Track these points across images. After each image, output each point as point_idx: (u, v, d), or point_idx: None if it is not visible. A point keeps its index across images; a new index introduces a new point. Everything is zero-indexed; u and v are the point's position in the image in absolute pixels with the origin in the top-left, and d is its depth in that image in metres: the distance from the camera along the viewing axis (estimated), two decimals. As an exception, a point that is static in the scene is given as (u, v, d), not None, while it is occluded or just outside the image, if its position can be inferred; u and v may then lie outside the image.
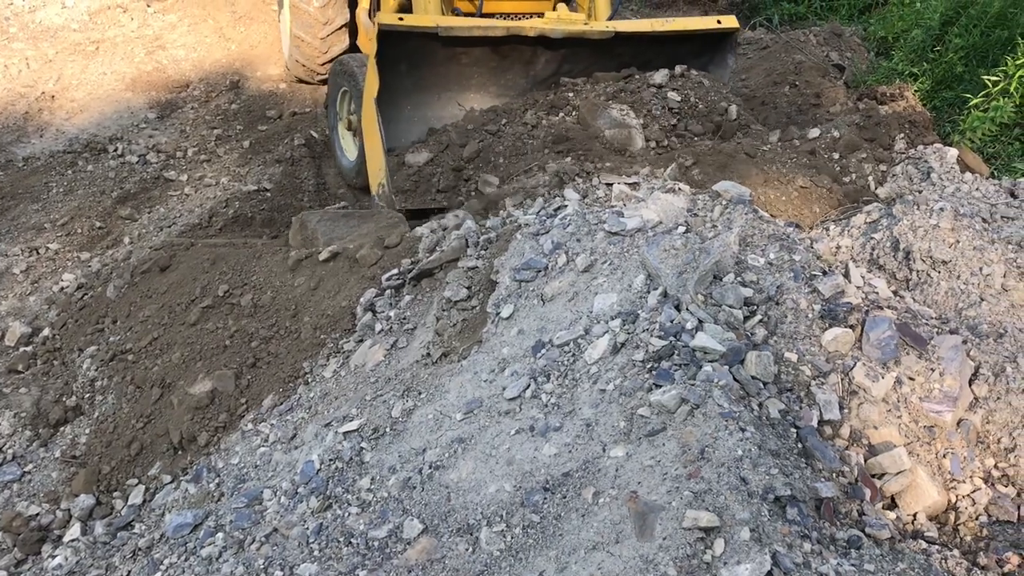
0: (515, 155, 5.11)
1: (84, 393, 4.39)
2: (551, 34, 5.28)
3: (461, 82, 5.58)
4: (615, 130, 5.15)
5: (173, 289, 4.63)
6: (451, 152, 5.12)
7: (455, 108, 5.62)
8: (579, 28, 5.34)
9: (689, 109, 5.48)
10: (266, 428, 3.74)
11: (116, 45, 8.17)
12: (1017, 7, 6.18)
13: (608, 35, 5.42)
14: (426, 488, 2.88)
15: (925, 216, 4.00)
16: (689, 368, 2.77)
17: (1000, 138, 5.72)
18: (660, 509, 2.41)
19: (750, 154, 5.12)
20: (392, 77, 5.13)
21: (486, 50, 5.42)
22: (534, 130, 5.23)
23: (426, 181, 5.05)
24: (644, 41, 5.62)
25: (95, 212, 6.18)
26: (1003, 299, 3.53)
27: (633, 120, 5.23)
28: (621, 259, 3.46)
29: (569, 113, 5.35)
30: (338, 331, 4.08)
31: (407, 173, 5.05)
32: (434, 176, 5.07)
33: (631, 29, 5.55)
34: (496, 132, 5.20)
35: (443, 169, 5.08)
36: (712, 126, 5.47)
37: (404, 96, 5.40)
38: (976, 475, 2.93)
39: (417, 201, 4.98)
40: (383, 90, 4.98)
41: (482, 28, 5.20)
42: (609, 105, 5.28)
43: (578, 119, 5.30)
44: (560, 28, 5.28)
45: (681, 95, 5.51)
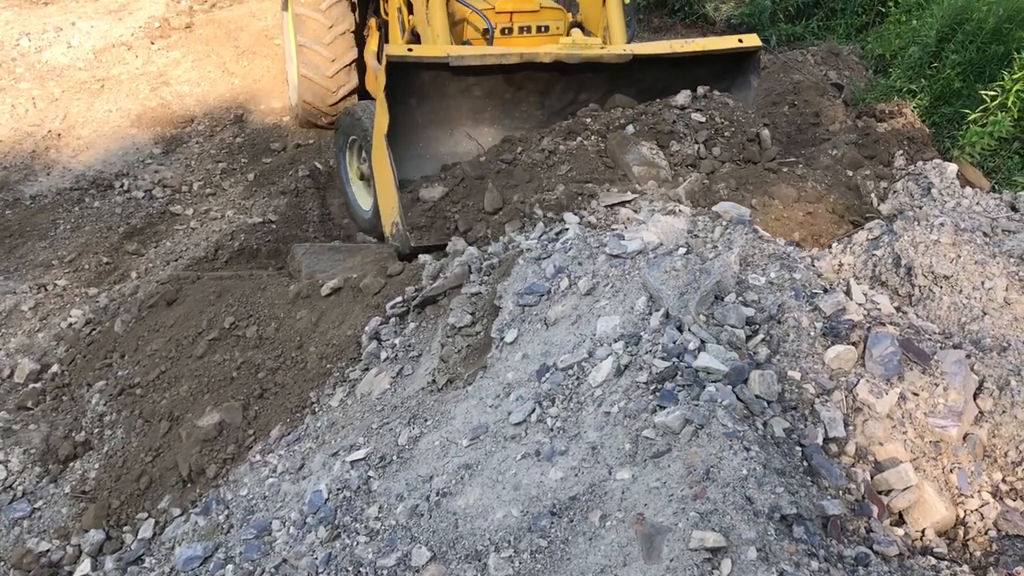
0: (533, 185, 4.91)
1: (93, 428, 4.41)
2: (567, 59, 5.10)
3: (474, 116, 5.40)
4: (643, 168, 4.87)
5: (180, 322, 4.66)
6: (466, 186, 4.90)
7: (468, 144, 5.40)
8: (595, 52, 5.15)
9: (715, 134, 5.26)
10: (274, 459, 3.75)
11: (121, 82, 8.27)
12: (1012, 23, 6.21)
13: (626, 59, 5.23)
14: (434, 515, 2.89)
15: (926, 231, 4.02)
16: (693, 389, 2.78)
17: (999, 152, 5.74)
18: (667, 531, 2.41)
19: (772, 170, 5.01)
20: (402, 112, 4.99)
21: (499, 80, 5.25)
22: (551, 156, 5.03)
23: (442, 217, 4.83)
24: (663, 65, 5.43)
25: (102, 248, 6.23)
26: (1005, 312, 3.54)
27: (662, 160, 4.98)
28: (623, 281, 3.48)
29: (587, 138, 5.15)
30: (344, 360, 4.10)
31: (422, 209, 4.84)
32: (451, 214, 4.84)
33: (649, 52, 5.35)
34: (512, 161, 5.02)
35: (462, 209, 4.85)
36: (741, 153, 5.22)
37: (415, 132, 5.24)
38: (984, 489, 2.92)
39: (433, 237, 4.75)
40: (393, 126, 4.83)
41: (495, 56, 5.03)
42: (640, 142, 5.03)
43: (605, 150, 5.08)
44: (576, 53, 5.10)
45: (705, 115, 5.30)
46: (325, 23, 6.80)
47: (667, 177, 4.89)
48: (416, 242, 4.70)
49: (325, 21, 6.79)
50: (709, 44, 5.53)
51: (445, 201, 4.84)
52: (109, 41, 8.86)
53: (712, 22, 10.35)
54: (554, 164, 4.96)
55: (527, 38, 5.78)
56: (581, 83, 5.44)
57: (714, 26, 10.34)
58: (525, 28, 5.80)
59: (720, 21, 10.33)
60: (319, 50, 6.83)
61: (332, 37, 6.81)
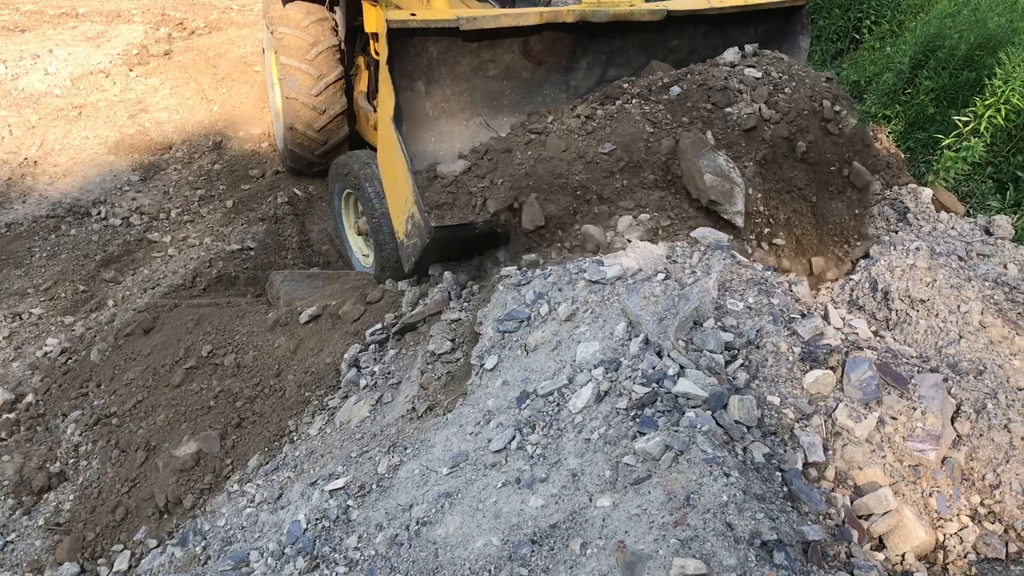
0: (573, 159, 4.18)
1: (68, 459, 4.36)
2: (593, 18, 4.42)
3: (491, 102, 4.66)
4: (716, 178, 4.10)
5: (157, 351, 4.62)
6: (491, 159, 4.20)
7: (487, 136, 4.57)
8: (624, 9, 4.49)
9: (775, 90, 4.56)
10: (252, 488, 3.71)
11: (99, 109, 8.24)
12: (983, 50, 6.31)
13: (660, 16, 4.57)
14: (413, 544, 2.86)
15: (902, 256, 4.05)
16: (672, 414, 2.78)
17: (973, 177, 5.81)
18: (648, 558, 2.40)
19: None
20: (410, 100, 4.34)
21: (517, 55, 4.54)
22: (588, 122, 4.30)
23: (466, 193, 4.11)
24: (700, 25, 4.84)
25: (79, 276, 6.18)
26: (981, 336, 3.56)
27: (738, 177, 4.19)
28: (602, 307, 3.48)
29: (628, 101, 4.39)
30: (323, 388, 4.08)
31: (441, 185, 4.13)
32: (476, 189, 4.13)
33: (686, 8, 4.70)
34: (542, 131, 4.29)
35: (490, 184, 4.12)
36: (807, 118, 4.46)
37: (425, 125, 4.51)
38: (963, 513, 2.93)
39: (456, 215, 4.04)
40: (400, 116, 4.21)
41: (512, 17, 4.31)
42: (718, 151, 4.25)
43: (675, 149, 4.27)
44: (603, 10, 4.42)
45: (760, 70, 4.62)
46: (307, 40, 6.44)
47: (740, 200, 4.18)
48: (438, 222, 3.99)
49: (307, 38, 6.44)
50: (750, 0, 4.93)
51: (468, 176, 4.16)
52: (87, 68, 8.84)
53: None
54: (593, 131, 4.25)
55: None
56: (610, 56, 4.81)
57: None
58: None
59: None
60: (302, 67, 6.41)
61: (315, 53, 6.41)
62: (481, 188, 4.11)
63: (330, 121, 6.56)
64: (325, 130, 6.61)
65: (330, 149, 6.70)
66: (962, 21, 6.68)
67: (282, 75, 6.52)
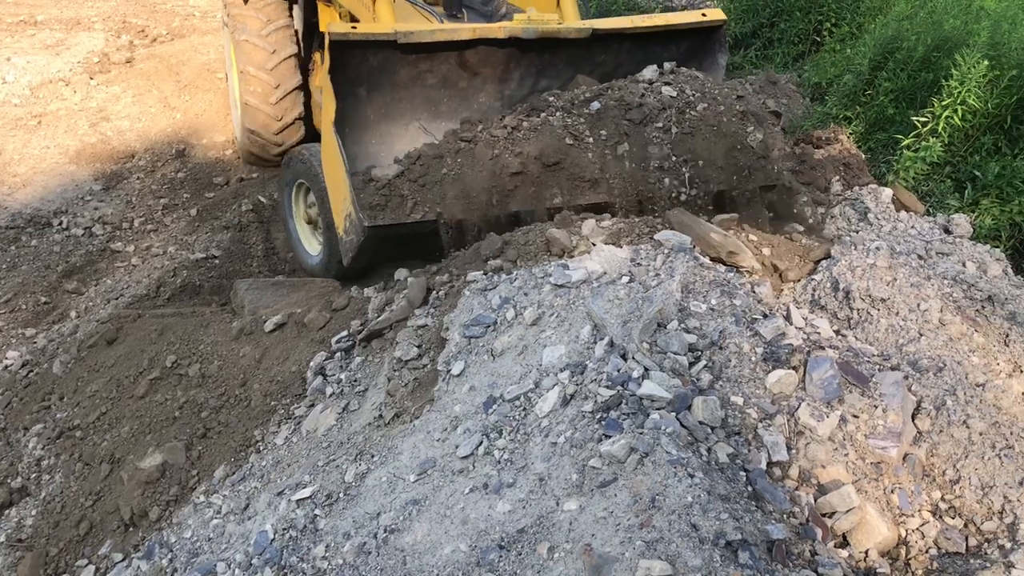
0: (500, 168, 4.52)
1: (30, 473, 4.30)
2: (523, 35, 4.74)
3: (429, 108, 4.98)
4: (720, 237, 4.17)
5: (121, 362, 4.58)
6: (423, 166, 4.49)
7: (425, 140, 4.86)
8: (552, 27, 4.83)
9: (687, 107, 4.82)
10: (218, 499, 3.68)
11: (59, 118, 8.14)
12: (940, 52, 6.40)
13: (585, 33, 4.90)
14: (381, 553, 2.85)
15: (863, 255, 4.10)
16: (637, 417, 2.79)
17: (932, 176, 5.89)
18: (614, 560, 2.41)
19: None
20: (352, 105, 4.63)
21: (453, 66, 4.86)
22: (514, 132, 4.59)
23: (397, 196, 4.40)
24: (625, 43, 5.13)
25: (40, 287, 6.10)
26: (941, 333, 3.62)
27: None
28: (568, 311, 3.49)
29: (552, 114, 4.70)
30: (289, 397, 4.05)
31: (375, 188, 4.39)
32: (407, 193, 4.42)
33: (610, 27, 5.03)
34: (472, 139, 4.58)
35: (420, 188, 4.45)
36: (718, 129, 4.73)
37: (367, 129, 4.81)
38: (924, 508, 2.97)
39: (388, 216, 4.33)
40: (343, 120, 4.50)
41: (446, 32, 4.68)
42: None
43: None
44: (532, 28, 4.75)
45: (675, 88, 4.87)
46: (267, 49, 6.61)
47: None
48: (371, 221, 4.29)
49: (267, 47, 6.60)
50: (672, 19, 5.28)
51: (401, 179, 4.44)
52: (46, 77, 8.73)
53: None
54: (518, 141, 4.56)
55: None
56: (540, 68, 5.12)
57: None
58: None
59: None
60: (262, 76, 6.61)
61: (275, 63, 6.61)
62: (412, 191, 4.40)
63: (287, 127, 6.81)
64: (282, 134, 6.86)
65: (286, 150, 6.82)
66: (919, 23, 6.77)
67: (242, 81, 6.74)
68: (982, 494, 3.03)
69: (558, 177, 4.59)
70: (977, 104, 5.55)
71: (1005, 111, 5.77)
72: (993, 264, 4.31)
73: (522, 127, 4.63)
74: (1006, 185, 5.52)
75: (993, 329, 3.80)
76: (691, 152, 4.76)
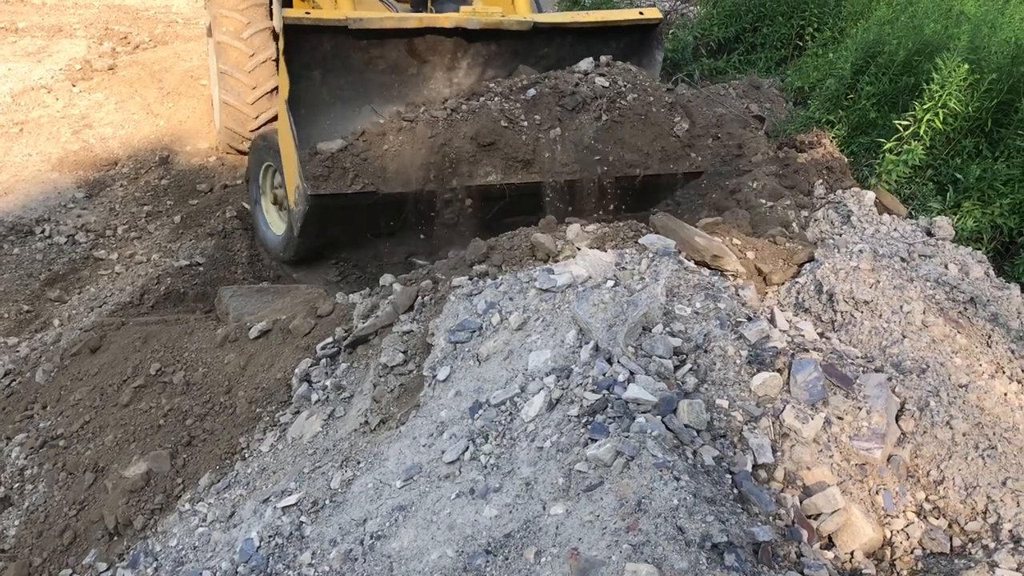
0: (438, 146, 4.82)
1: (13, 483, 4.26)
2: (467, 24, 5.07)
3: (381, 92, 5.29)
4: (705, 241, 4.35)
5: (104, 370, 4.54)
6: (366, 141, 4.77)
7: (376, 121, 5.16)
8: (495, 19, 5.15)
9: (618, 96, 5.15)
10: (204, 507, 3.66)
11: (41, 126, 8.09)
12: (921, 55, 6.45)
13: (526, 26, 5.25)
14: (368, 559, 2.84)
15: (846, 258, 4.13)
16: (623, 420, 2.79)
17: (915, 179, 5.93)
18: (601, 564, 2.41)
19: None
20: (307, 87, 4.93)
21: (403, 54, 5.19)
22: (453, 115, 4.89)
23: (340, 168, 4.69)
24: (567, 37, 5.47)
25: (22, 295, 6.05)
26: (924, 335, 3.64)
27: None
28: (553, 315, 3.50)
29: (491, 99, 5.02)
30: (274, 404, 4.04)
31: (319, 160, 4.68)
32: (349, 166, 4.70)
33: (551, 21, 5.41)
34: (413, 119, 4.85)
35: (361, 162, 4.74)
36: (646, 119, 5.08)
37: (322, 110, 5.13)
38: (909, 509, 2.99)
39: (330, 186, 4.62)
40: (298, 100, 4.82)
41: (395, 20, 4.98)
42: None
43: (509, 112, 4.96)
44: (476, 19, 5.09)
45: (608, 79, 5.21)
46: (247, 51, 6.90)
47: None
48: (313, 190, 4.56)
49: (247, 50, 6.90)
50: (610, 16, 5.61)
51: (344, 153, 4.71)
52: (28, 84, 8.67)
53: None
54: (455, 122, 4.88)
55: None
56: (487, 58, 5.43)
57: (639, 61, 10.53)
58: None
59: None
60: (240, 78, 6.92)
61: (253, 65, 6.90)
62: (354, 165, 4.68)
63: (263, 125, 7.03)
64: (256, 105, 7.08)
65: (261, 125, 7.12)
66: (900, 28, 6.83)
67: (221, 81, 7.06)
68: (966, 494, 3.05)
69: (492, 157, 4.89)
70: (958, 107, 5.59)
71: (985, 114, 5.82)
72: (975, 266, 4.34)
73: (461, 109, 4.92)
74: (987, 187, 5.56)
75: (976, 330, 3.83)
76: (619, 139, 5.10)
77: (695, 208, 5.80)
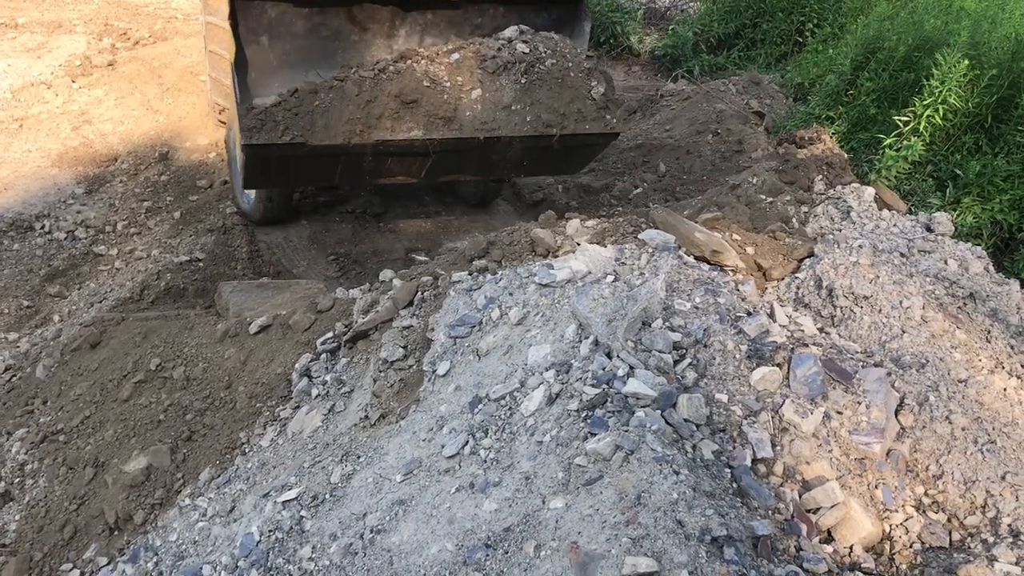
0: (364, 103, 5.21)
1: (13, 478, 4.26)
2: None
3: (326, 59, 5.60)
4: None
5: (104, 365, 4.55)
6: (298, 98, 5.13)
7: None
8: None
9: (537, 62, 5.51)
10: (204, 502, 3.67)
11: (41, 122, 8.08)
12: (921, 51, 6.46)
13: None
14: (368, 553, 2.85)
15: (845, 254, 4.13)
16: (622, 415, 2.80)
17: (914, 175, 5.94)
18: (600, 558, 2.42)
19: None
20: (256, 53, 5.29)
21: (344, 21, 5.52)
22: (380, 75, 5.27)
23: (272, 121, 5.06)
24: (499, 8, 5.78)
25: (22, 291, 6.06)
26: (923, 330, 3.64)
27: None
28: (553, 310, 3.50)
29: (417, 62, 5.39)
30: (274, 399, 4.04)
31: (254, 114, 5.04)
32: (280, 119, 5.08)
33: None
34: (343, 79, 5.22)
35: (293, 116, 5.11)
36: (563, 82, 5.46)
37: (270, 74, 5.47)
38: (908, 504, 2.99)
39: (263, 137, 4.98)
40: (250, 68, 5.23)
41: None
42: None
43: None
44: None
45: (529, 47, 5.56)
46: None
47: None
48: (247, 140, 4.92)
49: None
50: None
51: (277, 108, 5.05)
52: (28, 80, 8.67)
53: (637, 54, 10.56)
54: (382, 82, 5.21)
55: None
56: (424, 26, 5.75)
57: (639, 58, 10.55)
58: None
59: (644, 53, 10.55)
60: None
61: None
62: (285, 118, 5.05)
63: None
64: None
65: None
66: (900, 24, 6.83)
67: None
68: (965, 489, 3.05)
69: (415, 114, 5.26)
70: (958, 103, 5.60)
71: (985, 110, 5.83)
72: (975, 262, 4.34)
73: (388, 71, 5.29)
74: (987, 183, 5.57)
75: (975, 326, 3.83)
76: (536, 100, 5.46)
77: (695, 204, 5.80)
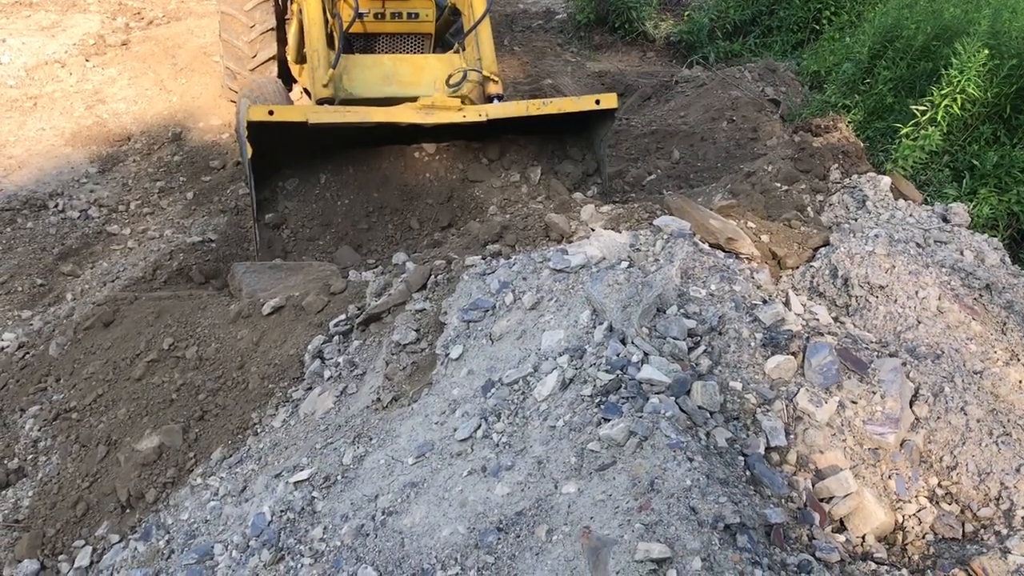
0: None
1: (27, 455, 4.29)
2: (423, 124, 5.37)
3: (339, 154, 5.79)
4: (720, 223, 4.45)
5: (117, 344, 4.56)
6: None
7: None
8: (451, 117, 5.40)
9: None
10: (215, 482, 3.68)
11: (55, 100, 8.09)
12: (939, 40, 6.40)
13: (481, 122, 5.48)
14: (379, 535, 2.85)
15: (861, 243, 4.10)
16: (636, 401, 2.79)
17: (931, 165, 5.90)
18: (613, 543, 2.42)
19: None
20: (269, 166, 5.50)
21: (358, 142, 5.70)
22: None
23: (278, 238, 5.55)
24: (519, 122, 5.75)
25: (36, 269, 6.07)
26: (939, 321, 3.62)
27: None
28: (567, 296, 3.49)
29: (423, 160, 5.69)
30: (286, 380, 4.04)
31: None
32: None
33: (505, 114, 5.60)
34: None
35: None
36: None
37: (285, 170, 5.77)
38: (921, 494, 2.98)
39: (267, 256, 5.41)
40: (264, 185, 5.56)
41: (355, 115, 5.26)
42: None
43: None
44: (432, 121, 5.36)
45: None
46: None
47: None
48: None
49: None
50: (566, 105, 5.70)
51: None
52: (42, 58, 8.67)
53: (652, 39, 10.50)
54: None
55: (397, 23, 6.18)
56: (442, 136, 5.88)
57: (654, 43, 10.49)
58: (396, 14, 6.11)
59: (659, 39, 10.49)
60: (239, 17, 7.16)
61: (252, 5, 7.13)
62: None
63: (261, 64, 7.35)
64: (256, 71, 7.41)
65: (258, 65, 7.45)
66: (919, 12, 6.77)
67: (222, 21, 7.37)
68: (979, 480, 3.04)
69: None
70: (976, 93, 5.55)
71: (1004, 100, 5.77)
72: (991, 253, 4.32)
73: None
74: (1004, 175, 5.53)
75: (991, 317, 3.80)
76: None
77: (710, 191, 5.77)
